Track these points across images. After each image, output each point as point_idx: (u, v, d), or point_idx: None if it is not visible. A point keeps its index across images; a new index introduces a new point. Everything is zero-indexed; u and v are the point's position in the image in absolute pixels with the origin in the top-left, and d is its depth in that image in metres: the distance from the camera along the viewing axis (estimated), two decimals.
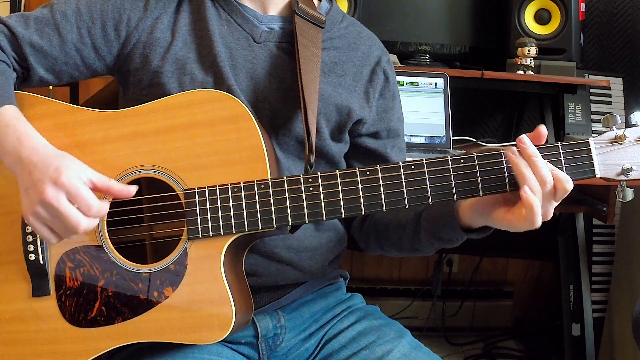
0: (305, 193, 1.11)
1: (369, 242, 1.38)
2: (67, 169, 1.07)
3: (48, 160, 1.08)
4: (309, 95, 1.22)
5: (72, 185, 1.06)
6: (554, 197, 1.04)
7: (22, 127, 1.13)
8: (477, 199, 1.11)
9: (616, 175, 1.06)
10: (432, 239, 1.23)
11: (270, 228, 1.12)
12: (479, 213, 1.12)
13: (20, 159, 1.10)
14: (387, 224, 1.32)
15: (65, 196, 1.06)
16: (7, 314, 1.18)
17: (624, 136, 1.05)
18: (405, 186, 1.09)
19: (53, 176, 1.06)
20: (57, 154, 1.11)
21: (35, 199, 1.06)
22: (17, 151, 1.10)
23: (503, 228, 1.09)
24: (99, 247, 1.16)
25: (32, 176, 1.07)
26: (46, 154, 1.10)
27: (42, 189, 1.05)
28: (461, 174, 1.08)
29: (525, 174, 1.03)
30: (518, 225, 1.05)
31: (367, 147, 1.36)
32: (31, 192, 1.07)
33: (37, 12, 1.25)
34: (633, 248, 2.39)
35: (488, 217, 1.10)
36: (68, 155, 1.11)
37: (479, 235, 1.17)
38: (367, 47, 1.37)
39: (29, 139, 1.11)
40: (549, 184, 1.02)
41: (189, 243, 1.13)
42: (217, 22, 1.28)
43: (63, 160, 1.09)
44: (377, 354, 1.23)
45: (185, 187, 1.14)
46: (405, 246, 1.31)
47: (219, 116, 1.14)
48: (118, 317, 1.15)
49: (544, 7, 2.32)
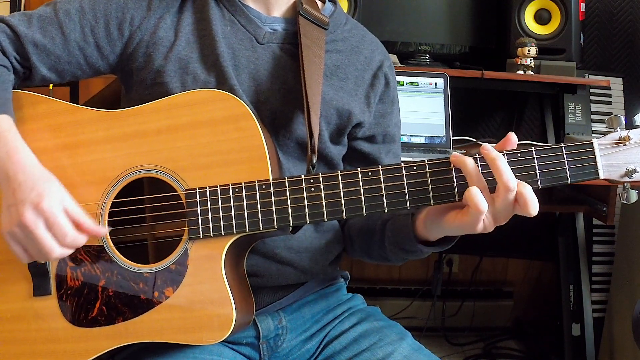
0: (307, 194, 1.10)
1: (347, 246, 1.38)
2: (49, 195, 1.08)
3: (32, 183, 1.09)
4: (312, 96, 1.22)
5: (51, 213, 1.07)
6: (513, 208, 1.01)
7: (13, 142, 1.13)
8: (430, 208, 1.10)
9: (620, 177, 1.04)
10: (396, 249, 1.23)
11: (271, 228, 1.11)
12: (432, 222, 1.10)
13: (6, 174, 1.10)
14: (359, 229, 1.33)
15: (43, 222, 1.07)
16: (7, 313, 1.18)
17: (628, 137, 1.03)
18: (407, 187, 1.08)
19: (35, 201, 1.07)
20: (43, 176, 1.12)
21: (14, 219, 1.08)
22: (4, 166, 1.11)
23: (456, 232, 1.08)
24: (100, 247, 1.16)
25: (15, 195, 1.08)
26: (33, 174, 1.11)
27: (22, 211, 1.07)
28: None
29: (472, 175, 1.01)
30: (468, 224, 1.03)
31: (361, 151, 1.36)
32: (12, 210, 1.09)
33: (40, 11, 1.25)
34: (633, 248, 2.39)
35: (441, 224, 1.08)
36: (53, 180, 1.12)
37: (438, 248, 1.16)
38: (370, 52, 1.37)
39: (17, 154, 1.12)
40: (512, 190, 0.99)
41: (189, 243, 1.13)
42: (221, 22, 1.28)
43: (47, 185, 1.10)
44: (378, 355, 1.23)
45: (186, 187, 1.14)
46: (374, 254, 1.31)
47: (221, 116, 1.14)
48: (119, 317, 1.15)
49: (544, 7, 2.32)
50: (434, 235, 1.13)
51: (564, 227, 2.50)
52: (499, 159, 1.00)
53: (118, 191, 1.16)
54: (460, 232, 1.07)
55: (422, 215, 1.13)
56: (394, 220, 1.22)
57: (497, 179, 0.99)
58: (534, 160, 1.03)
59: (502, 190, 0.99)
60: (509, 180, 0.99)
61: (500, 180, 0.99)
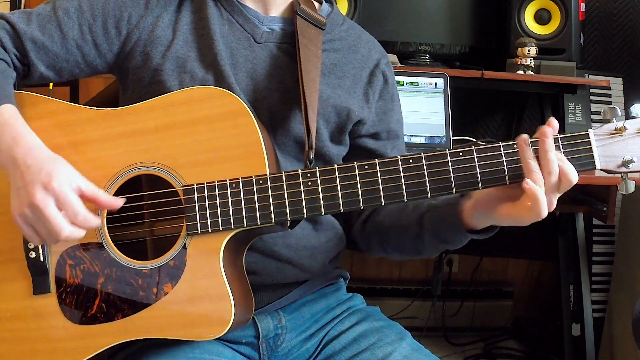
0: (304, 188, 1.11)
1: (371, 245, 1.38)
2: (59, 174, 1.08)
3: (41, 163, 1.09)
4: (310, 94, 1.22)
5: (61, 191, 1.07)
6: (558, 188, 1.04)
7: (19, 127, 1.14)
8: (479, 199, 1.12)
9: (617, 167, 1.05)
10: (435, 241, 1.23)
11: (269, 223, 1.12)
12: (482, 212, 1.12)
13: (14, 158, 1.11)
14: (388, 226, 1.32)
15: (54, 202, 1.07)
16: (7, 312, 1.18)
17: (624, 128, 1.04)
18: (404, 180, 1.09)
19: (44, 180, 1.07)
20: (51, 157, 1.12)
21: (24, 200, 1.08)
22: (11, 151, 1.11)
23: (508, 224, 1.09)
24: (99, 244, 1.16)
25: (24, 177, 1.09)
26: (40, 156, 1.11)
27: (32, 191, 1.07)
28: (460, 167, 1.08)
29: (530, 164, 1.03)
30: (524, 218, 1.06)
31: (367, 148, 1.37)
32: (22, 192, 1.09)
33: (40, 9, 1.26)
34: (633, 248, 2.39)
35: (491, 215, 1.10)
36: (61, 160, 1.12)
37: (483, 235, 1.17)
38: (367, 50, 1.38)
39: (24, 139, 1.12)
40: (555, 175, 1.03)
41: (188, 239, 1.14)
42: (219, 21, 1.28)
43: (55, 165, 1.10)
44: (377, 355, 1.23)
45: (184, 184, 1.14)
46: (407, 249, 1.31)
47: (218, 113, 1.15)
48: (118, 313, 1.15)
49: (544, 7, 2.32)
50: (481, 225, 1.14)
51: (564, 227, 2.50)
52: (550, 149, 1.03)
53: (117, 188, 1.17)
54: (512, 224, 1.09)
55: (468, 204, 1.14)
56: (433, 213, 1.22)
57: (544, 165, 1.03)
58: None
59: (547, 175, 1.03)
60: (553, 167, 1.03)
61: (546, 167, 1.03)
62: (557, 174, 1.03)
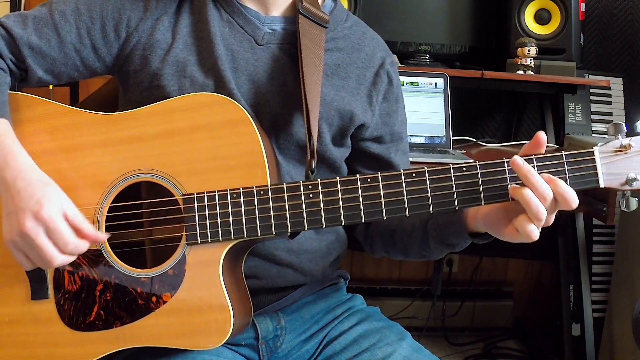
0: (305, 200, 1.10)
1: (375, 247, 1.38)
2: (49, 202, 1.07)
3: (31, 188, 1.08)
4: (311, 99, 1.20)
5: (51, 220, 1.07)
6: (555, 208, 1.04)
7: (10, 146, 1.12)
8: (481, 214, 1.12)
9: (620, 185, 1.04)
10: (440, 245, 1.23)
11: (269, 234, 1.11)
12: (483, 223, 1.13)
13: (5, 180, 1.10)
14: (392, 230, 1.32)
15: (44, 230, 1.07)
16: (5, 317, 1.18)
17: (630, 145, 1.03)
18: (406, 194, 1.08)
19: (34, 209, 1.06)
20: (41, 180, 1.11)
21: (15, 228, 1.08)
22: (2, 172, 1.10)
23: (505, 239, 1.10)
24: (98, 252, 1.16)
25: (14, 202, 1.08)
26: (30, 179, 1.10)
27: (22, 220, 1.06)
28: (463, 182, 1.07)
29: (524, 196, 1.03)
30: (520, 240, 1.07)
31: (371, 152, 1.36)
32: (12, 219, 1.08)
33: (36, 12, 1.24)
34: (633, 248, 2.38)
35: (490, 229, 1.11)
36: (51, 184, 1.11)
37: (483, 240, 1.17)
38: (371, 49, 1.35)
39: (14, 159, 1.11)
40: (549, 198, 1.02)
41: (187, 248, 1.13)
42: (219, 23, 1.26)
43: (46, 191, 1.09)
44: (377, 356, 1.23)
45: (184, 192, 1.13)
46: (412, 252, 1.31)
47: (219, 120, 1.13)
48: (116, 321, 1.14)
49: (544, 7, 2.32)
50: (483, 230, 1.15)
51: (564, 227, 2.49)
52: (531, 174, 1.02)
53: (115, 195, 1.16)
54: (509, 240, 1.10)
55: (471, 213, 1.15)
56: (436, 219, 1.22)
57: (533, 191, 1.02)
58: (535, 168, 1.04)
59: (540, 199, 1.02)
60: (544, 191, 1.02)
61: (536, 192, 1.02)
62: (550, 196, 1.02)
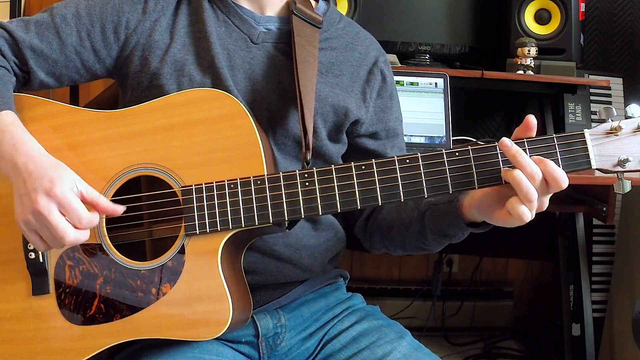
0: (301, 188, 1.12)
1: (374, 242, 1.38)
2: (61, 180, 1.09)
3: (43, 170, 1.10)
4: (306, 94, 1.22)
5: (64, 197, 1.08)
6: (547, 190, 1.05)
7: (19, 134, 1.14)
8: (475, 200, 1.12)
9: (612, 167, 1.05)
10: (438, 237, 1.24)
11: (266, 223, 1.12)
12: (478, 210, 1.13)
13: (15, 165, 1.11)
14: (390, 224, 1.33)
15: (57, 208, 1.08)
16: (7, 313, 1.19)
17: (620, 127, 1.05)
18: (401, 180, 1.09)
19: (47, 187, 1.08)
20: (52, 163, 1.12)
21: (28, 207, 1.08)
22: (13, 158, 1.12)
23: (499, 224, 1.10)
24: (98, 245, 1.17)
25: (26, 184, 1.09)
26: (41, 162, 1.11)
27: (35, 198, 1.07)
28: (456, 167, 1.09)
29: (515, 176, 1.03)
30: (513, 223, 1.07)
31: (367, 148, 1.37)
32: (25, 199, 1.09)
33: (38, 17, 1.27)
34: (633, 248, 2.39)
35: (485, 214, 1.12)
36: (62, 165, 1.13)
37: (481, 229, 1.18)
38: (364, 48, 1.38)
39: (25, 145, 1.13)
40: (538, 178, 1.03)
41: (186, 240, 1.14)
42: (215, 23, 1.29)
43: (57, 171, 1.10)
44: (377, 354, 1.24)
45: (182, 185, 1.14)
46: (410, 246, 1.31)
47: (216, 114, 1.15)
48: (116, 314, 1.15)
49: (544, 7, 2.32)
50: (479, 219, 1.15)
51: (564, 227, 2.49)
52: (519, 154, 1.03)
53: (116, 190, 1.17)
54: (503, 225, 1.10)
55: (466, 200, 1.15)
56: (433, 210, 1.23)
57: (522, 171, 1.03)
58: (527, 151, 1.05)
59: (530, 179, 1.03)
60: (533, 171, 1.02)
61: (525, 172, 1.02)
62: (540, 176, 1.03)
